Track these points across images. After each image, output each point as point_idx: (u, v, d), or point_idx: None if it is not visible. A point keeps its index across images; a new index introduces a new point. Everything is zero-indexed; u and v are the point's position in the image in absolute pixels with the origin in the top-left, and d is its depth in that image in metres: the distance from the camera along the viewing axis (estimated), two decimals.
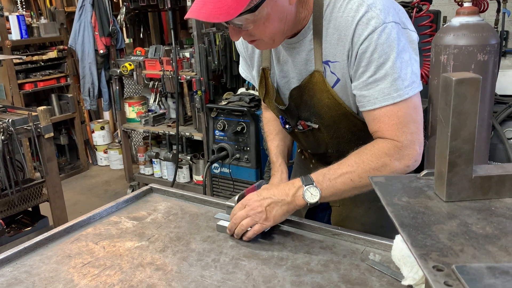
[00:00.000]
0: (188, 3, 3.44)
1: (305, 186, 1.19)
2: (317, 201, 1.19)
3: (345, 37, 1.16)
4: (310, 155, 1.60)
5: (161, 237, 1.30)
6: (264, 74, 1.37)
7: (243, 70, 1.54)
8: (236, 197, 1.33)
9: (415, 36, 1.23)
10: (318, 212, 1.58)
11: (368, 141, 1.25)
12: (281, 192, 1.22)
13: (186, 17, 1.10)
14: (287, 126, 1.44)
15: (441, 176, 0.81)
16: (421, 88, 1.19)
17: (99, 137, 5.12)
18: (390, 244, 1.13)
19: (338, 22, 1.16)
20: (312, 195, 1.19)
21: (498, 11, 3.18)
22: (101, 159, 5.22)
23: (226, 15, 1.02)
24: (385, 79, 1.14)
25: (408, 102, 1.16)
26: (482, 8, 2.66)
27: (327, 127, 1.34)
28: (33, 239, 1.28)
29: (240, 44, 1.44)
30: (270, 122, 1.62)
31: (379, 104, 1.16)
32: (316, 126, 1.34)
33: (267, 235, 1.28)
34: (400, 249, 1.08)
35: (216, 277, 1.09)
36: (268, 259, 1.16)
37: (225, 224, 1.31)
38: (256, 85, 1.48)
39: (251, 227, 1.23)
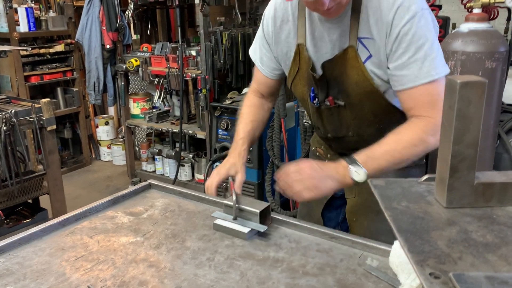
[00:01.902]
0: (197, 1, 3.43)
1: (351, 165, 1.24)
2: (363, 179, 1.23)
3: (385, 18, 1.23)
4: (325, 149, 1.64)
5: (157, 234, 1.29)
6: (299, 50, 1.41)
7: (253, 52, 1.57)
8: (234, 197, 1.32)
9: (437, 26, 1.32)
10: (333, 209, 1.63)
11: (388, 125, 1.32)
12: (331, 170, 1.27)
13: None
14: (315, 100, 1.46)
15: (442, 181, 0.78)
16: (449, 70, 1.27)
17: (103, 132, 5.12)
18: (389, 249, 1.11)
19: (379, 4, 1.24)
20: (358, 174, 1.23)
21: (509, 19, 3.14)
22: (104, 154, 5.22)
23: None
24: (426, 58, 1.22)
25: (441, 81, 1.23)
26: (492, 16, 2.63)
27: (352, 105, 1.39)
28: (27, 230, 1.27)
29: (267, 22, 1.47)
30: (252, 107, 1.62)
31: (419, 81, 1.23)
32: (343, 103, 1.40)
33: (264, 235, 1.26)
34: (398, 255, 1.05)
35: (209, 276, 1.08)
36: (264, 260, 1.14)
37: (222, 223, 1.29)
38: (263, 69, 1.54)
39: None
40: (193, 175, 4.12)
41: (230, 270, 1.10)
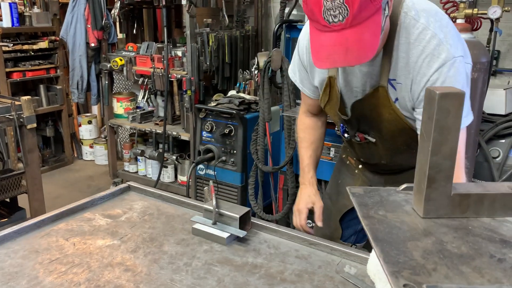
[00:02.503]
0: (184, 2, 3.41)
1: None
2: None
3: (413, 64, 1.20)
4: (356, 161, 1.66)
5: (134, 237, 1.27)
6: (330, 83, 1.39)
7: (293, 74, 1.56)
8: (214, 202, 1.30)
9: (470, 68, 1.27)
10: (354, 217, 1.65)
11: None
12: None
13: (326, 67, 1.15)
14: (345, 135, 1.48)
15: (420, 191, 0.79)
16: (473, 118, 1.23)
17: (86, 131, 5.05)
18: (367, 257, 1.11)
19: (409, 49, 1.20)
20: None
21: (491, 30, 3.20)
22: (86, 153, 5.15)
23: (371, 52, 1.06)
24: None
25: (461, 132, 1.21)
26: (475, 26, 2.67)
27: (385, 141, 1.38)
28: (0, 231, 1.24)
29: (302, 51, 1.44)
30: (307, 129, 1.65)
31: None
32: (373, 140, 1.39)
33: (243, 240, 1.25)
34: (376, 263, 1.05)
35: (186, 282, 1.06)
36: (242, 266, 1.13)
37: (201, 227, 1.28)
38: (305, 91, 1.53)
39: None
40: (176, 177, 4.08)
41: (207, 276, 1.09)
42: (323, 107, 1.50)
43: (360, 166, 1.65)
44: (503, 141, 2.52)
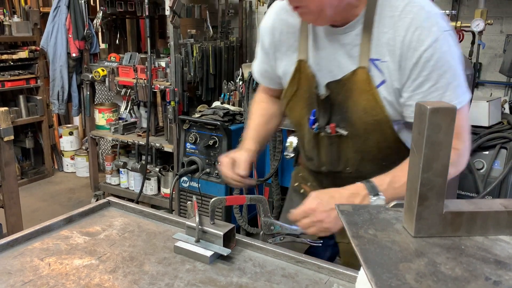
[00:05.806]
0: (167, 12, 3.37)
1: (372, 196, 1.13)
2: None
3: (401, 38, 1.11)
4: (313, 187, 1.48)
5: (113, 256, 1.21)
6: (300, 67, 1.29)
7: (254, 68, 1.48)
8: (197, 218, 1.26)
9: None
10: (321, 249, 1.43)
11: (392, 164, 1.20)
12: (351, 198, 1.16)
13: None
14: (315, 125, 1.32)
15: (411, 209, 0.76)
16: (470, 96, 1.18)
17: (67, 143, 4.95)
18: (355, 275, 1.08)
19: (395, 22, 1.12)
20: (377, 204, 1.12)
21: (473, 43, 3.23)
22: (67, 165, 5.04)
23: None
24: (448, 87, 1.11)
25: (463, 109, 1.15)
26: (458, 39, 2.69)
27: (356, 136, 1.26)
28: None
29: (268, 29, 1.35)
30: (262, 103, 1.55)
31: None
32: (345, 133, 1.26)
33: (228, 259, 1.21)
34: (365, 281, 1.02)
35: None
36: (226, 287, 1.09)
37: (184, 245, 1.23)
38: (265, 82, 1.46)
39: None
40: (159, 189, 4.01)
41: None
42: (286, 104, 1.38)
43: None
44: (487, 152, 2.53)
